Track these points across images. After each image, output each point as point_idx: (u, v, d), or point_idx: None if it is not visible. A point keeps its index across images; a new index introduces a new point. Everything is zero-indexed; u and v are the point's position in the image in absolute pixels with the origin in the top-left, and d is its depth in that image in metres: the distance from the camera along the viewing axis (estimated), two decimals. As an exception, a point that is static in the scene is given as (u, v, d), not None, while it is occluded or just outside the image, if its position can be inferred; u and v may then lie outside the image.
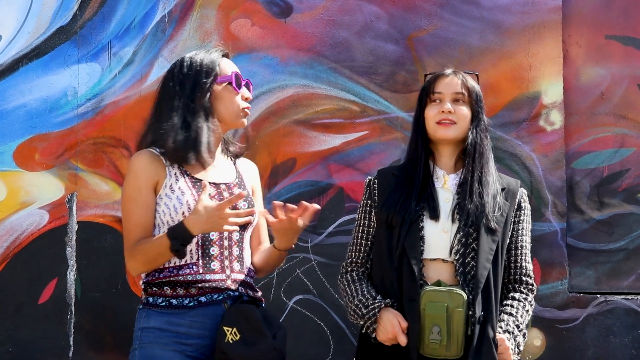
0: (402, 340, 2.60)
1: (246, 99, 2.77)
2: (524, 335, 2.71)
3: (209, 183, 2.64)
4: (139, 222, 2.64)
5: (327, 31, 3.93)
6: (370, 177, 2.87)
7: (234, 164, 2.86)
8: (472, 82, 2.81)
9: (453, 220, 2.70)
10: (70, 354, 3.93)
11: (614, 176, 3.90)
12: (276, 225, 2.68)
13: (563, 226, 3.83)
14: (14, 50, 3.99)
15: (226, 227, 2.53)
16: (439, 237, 2.69)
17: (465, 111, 2.75)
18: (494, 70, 3.87)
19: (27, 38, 3.99)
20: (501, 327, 2.67)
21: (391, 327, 2.61)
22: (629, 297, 3.80)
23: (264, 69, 3.92)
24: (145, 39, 3.97)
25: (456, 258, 2.67)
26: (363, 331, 2.72)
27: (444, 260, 2.69)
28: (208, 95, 2.70)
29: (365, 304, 2.68)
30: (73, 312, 3.93)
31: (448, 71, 2.81)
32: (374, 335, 2.67)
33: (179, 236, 2.53)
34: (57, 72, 3.98)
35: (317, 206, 2.65)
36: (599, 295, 3.81)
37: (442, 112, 2.73)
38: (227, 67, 2.77)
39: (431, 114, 2.76)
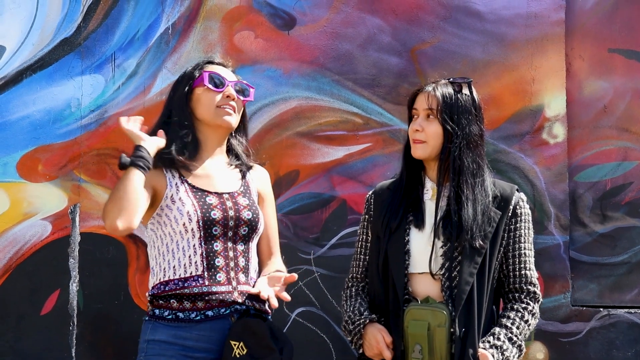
0: (387, 356, 2.60)
1: (227, 97, 2.76)
2: (519, 347, 2.63)
3: (211, 192, 2.72)
4: None
5: (330, 43, 3.94)
6: (370, 192, 2.87)
7: (242, 173, 2.85)
8: (448, 94, 2.68)
9: (437, 235, 2.65)
10: (72, 365, 3.93)
11: (616, 189, 3.89)
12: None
13: (566, 239, 3.82)
14: (18, 62, 4.00)
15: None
16: (424, 251, 2.66)
17: (434, 128, 2.68)
18: (497, 82, 3.87)
19: (31, 50, 4.00)
20: (489, 342, 2.60)
21: (375, 342, 2.62)
22: (632, 310, 3.79)
23: (267, 81, 3.93)
24: (148, 51, 3.98)
25: (442, 273, 2.63)
26: (352, 347, 2.73)
27: (433, 275, 2.65)
28: (187, 101, 2.77)
29: (353, 320, 2.69)
30: (75, 323, 3.93)
31: (428, 87, 2.72)
32: (361, 351, 2.68)
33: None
34: (60, 83, 3.99)
35: (295, 276, 2.66)
36: (601, 309, 3.80)
37: (413, 130, 2.71)
38: (209, 70, 2.80)
39: (409, 130, 2.74)
